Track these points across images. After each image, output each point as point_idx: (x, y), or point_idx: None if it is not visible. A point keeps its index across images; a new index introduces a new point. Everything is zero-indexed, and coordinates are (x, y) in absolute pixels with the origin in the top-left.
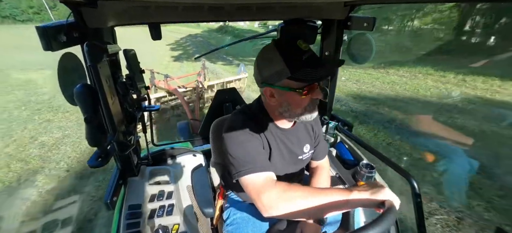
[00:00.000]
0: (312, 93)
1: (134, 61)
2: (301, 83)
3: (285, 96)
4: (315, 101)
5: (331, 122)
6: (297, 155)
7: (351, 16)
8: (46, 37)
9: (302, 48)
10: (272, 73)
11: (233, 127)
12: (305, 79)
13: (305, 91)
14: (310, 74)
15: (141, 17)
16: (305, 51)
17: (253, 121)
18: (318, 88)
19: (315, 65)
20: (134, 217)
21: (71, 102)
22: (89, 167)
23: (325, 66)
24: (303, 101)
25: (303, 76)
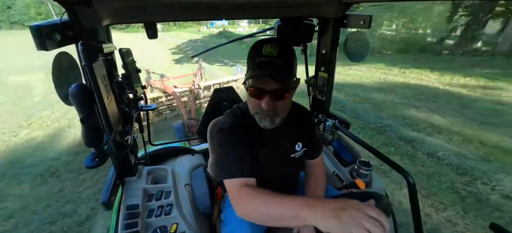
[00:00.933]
0: (257, 98)
1: (131, 60)
2: (248, 82)
3: (246, 90)
4: (261, 109)
5: (329, 120)
6: (289, 154)
7: (347, 14)
8: (40, 36)
9: (264, 52)
10: (247, 65)
11: (221, 130)
12: (248, 80)
13: (249, 91)
14: (252, 78)
15: (137, 16)
16: (264, 55)
17: (240, 122)
18: (268, 98)
19: (261, 71)
20: (132, 217)
21: (66, 102)
22: (86, 167)
23: (271, 77)
24: (251, 101)
25: (248, 76)
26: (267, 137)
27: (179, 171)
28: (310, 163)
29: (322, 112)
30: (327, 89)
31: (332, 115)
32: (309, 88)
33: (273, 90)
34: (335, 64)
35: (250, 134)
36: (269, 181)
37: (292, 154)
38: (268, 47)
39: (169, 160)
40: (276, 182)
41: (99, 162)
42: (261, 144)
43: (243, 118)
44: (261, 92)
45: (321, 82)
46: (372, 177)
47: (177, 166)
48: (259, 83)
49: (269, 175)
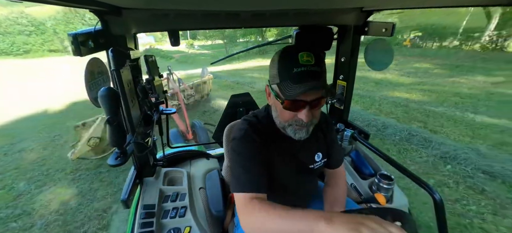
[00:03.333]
0: (296, 110)
1: (154, 66)
2: (283, 94)
3: (274, 100)
4: (299, 121)
5: (347, 130)
6: (307, 164)
7: (368, 21)
8: (76, 43)
9: (300, 60)
10: (271, 74)
11: (234, 139)
12: (285, 92)
13: (286, 104)
14: (292, 90)
15: (162, 24)
16: (302, 65)
17: (256, 131)
18: (307, 109)
19: (302, 82)
20: (148, 217)
21: (96, 104)
22: (109, 166)
23: (316, 89)
24: (285, 114)
25: (286, 89)
26: (286, 147)
27: (194, 174)
28: (330, 172)
29: (340, 121)
30: (346, 98)
31: (350, 125)
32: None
33: (314, 99)
34: (355, 73)
35: (267, 144)
36: (285, 191)
37: (311, 165)
38: (305, 55)
39: (185, 162)
40: (293, 193)
41: (121, 161)
42: (279, 154)
43: (261, 127)
44: (300, 104)
45: (339, 90)
46: (394, 192)
47: (193, 169)
48: (300, 96)
49: (286, 186)
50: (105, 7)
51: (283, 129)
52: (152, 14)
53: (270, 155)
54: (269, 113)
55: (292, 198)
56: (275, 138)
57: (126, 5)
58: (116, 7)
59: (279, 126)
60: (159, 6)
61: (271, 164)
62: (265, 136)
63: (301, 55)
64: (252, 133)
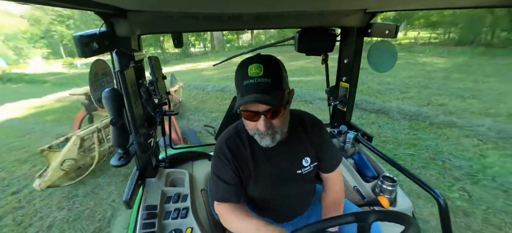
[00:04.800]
0: (252, 120)
1: (157, 67)
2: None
3: None
4: (258, 131)
5: (350, 132)
6: (294, 170)
7: (372, 23)
8: (81, 45)
9: (249, 73)
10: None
11: (215, 151)
12: (239, 104)
13: (243, 114)
14: (242, 101)
15: (166, 26)
16: (250, 77)
17: (237, 141)
18: (263, 119)
19: (249, 96)
20: (150, 218)
21: (99, 104)
22: (112, 166)
23: (260, 101)
24: (248, 124)
25: (239, 100)
26: (268, 154)
27: (196, 176)
28: (326, 177)
29: (343, 123)
30: (349, 100)
31: (353, 127)
32: (329, 98)
33: (266, 110)
34: (358, 74)
35: (245, 157)
36: (275, 198)
37: (298, 170)
38: (253, 67)
39: (188, 164)
40: (283, 200)
41: (124, 161)
42: (262, 161)
43: (239, 136)
44: (254, 114)
45: (342, 92)
46: (398, 194)
47: (195, 171)
48: (251, 107)
49: (273, 193)
50: (111, 9)
51: (253, 137)
52: (156, 16)
53: (249, 165)
54: None
55: (286, 206)
56: (256, 146)
57: (131, 8)
58: (122, 9)
59: (251, 134)
60: (164, 8)
61: (253, 172)
62: (243, 149)
63: (250, 68)
64: (226, 151)
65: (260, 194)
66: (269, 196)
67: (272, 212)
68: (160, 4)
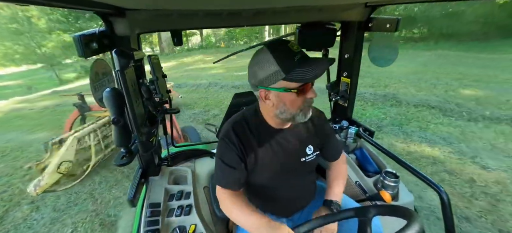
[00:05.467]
0: (307, 92)
1: (158, 66)
2: (295, 83)
3: (280, 97)
4: (309, 101)
5: (351, 127)
6: (299, 157)
7: (372, 17)
8: (80, 45)
9: (293, 49)
10: (267, 75)
11: (221, 136)
12: (298, 79)
13: (300, 91)
14: (303, 74)
15: (165, 24)
16: (297, 52)
17: (244, 127)
18: (312, 88)
19: (307, 65)
20: (154, 215)
21: (101, 104)
22: (115, 165)
23: (317, 66)
24: (298, 101)
25: (297, 77)
26: (276, 140)
27: (199, 173)
28: (331, 165)
29: (344, 118)
30: (350, 95)
31: (354, 122)
32: (330, 94)
33: (311, 78)
34: (359, 69)
35: (252, 144)
36: (278, 188)
37: (302, 158)
38: (294, 45)
39: (190, 161)
40: (286, 190)
41: (126, 160)
42: (269, 148)
43: (247, 123)
44: (309, 85)
45: (343, 87)
46: (399, 189)
47: (197, 168)
48: (308, 78)
49: (280, 180)
50: (110, 9)
51: (292, 119)
52: (155, 14)
53: (256, 152)
54: (256, 111)
55: (286, 195)
56: (263, 134)
57: (130, 6)
58: (120, 8)
59: (286, 119)
60: (162, 7)
61: (259, 159)
62: (250, 135)
63: (291, 45)
64: (233, 135)
65: (264, 182)
66: (272, 184)
67: (274, 204)
68: (159, 2)
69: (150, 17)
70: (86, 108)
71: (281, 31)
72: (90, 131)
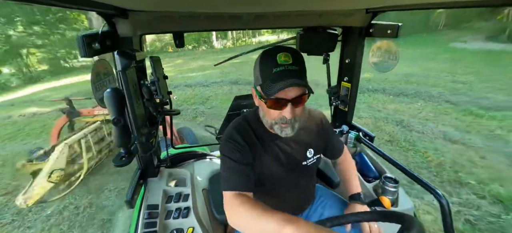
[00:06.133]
0: (279, 108)
1: (159, 67)
2: (266, 94)
3: (259, 100)
4: (283, 119)
5: (351, 132)
6: (300, 161)
7: (373, 23)
8: (83, 45)
9: (279, 60)
10: (255, 76)
11: (223, 141)
12: (267, 92)
13: (269, 103)
14: (273, 89)
15: (167, 26)
16: (281, 64)
17: (245, 129)
18: (289, 107)
19: (281, 82)
20: (151, 217)
21: (102, 104)
22: (114, 165)
23: (292, 87)
24: (271, 113)
25: (267, 89)
26: (276, 145)
27: (198, 176)
28: (338, 160)
29: (344, 123)
30: (350, 100)
31: (354, 127)
32: (331, 98)
33: (295, 97)
34: (359, 74)
35: (255, 145)
36: (281, 190)
37: (303, 162)
38: (282, 55)
39: (189, 164)
40: (290, 193)
41: (125, 161)
42: (269, 152)
43: (249, 128)
44: (282, 102)
45: (343, 92)
46: (399, 195)
47: (196, 171)
48: (280, 94)
49: (282, 185)
50: (113, 9)
51: (270, 127)
52: (157, 16)
53: (259, 155)
54: (257, 114)
55: (289, 198)
56: (265, 137)
57: (133, 8)
58: (124, 9)
59: (267, 125)
60: (165, 8)
61: (261, 163)
62: (253, 135)
63: (279, 56)
64: (237, 135)
65: (266, 186)
66: (273, 188)
67: (274, 207)
68: (161, 4)
69: (152, 19)
70: (76, 114)
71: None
72: (81, 137)
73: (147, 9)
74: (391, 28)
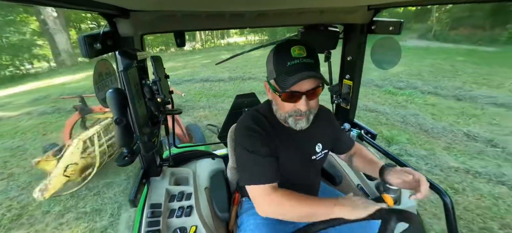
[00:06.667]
0: (293, 101)
1: (160, 67)
2: (280, 87)
3: (273, 94)
4: (298, 111)
5: (353, 130)
6: (310, 155)
7: (375, 20)
8: (84, 45)
9: (293, 54)
10: (269, 70)
11: (241, 134)
12: (282, 85)
13: (284, 96)
14: (287, 82)
15: (168, 25)
16: (295, 58)
17: (259, 122)
18: (304, 99)
19: (296, 75)
20: (155, 216)
21: (104, 104)
22: (117, 165)
23: (308, 79)
24: (286, 106)
25: (281, 82)
26: (288, 138)
27: (200, 174)
28: (351, 152)
29: (346, 121)
30: (352, 98)
31: (356, 125)
32: (333, 96)
33: (309, 89)
34: (361, 72)
35: (270, 136)
36: (291, 182)
37: (313, 156)
38: (297, 49)
39: (191, 162)
40: (298, 185)
41: (128, 160)
42: (282, 145)
43: (264, 120)
44: (296, 95)
45: (345, 90)
46: (402, 193)
47: (198, 169)
48: (296, 87)
49: (291, 178)
50: (114, 10)
51: (284, 120)
52: (159, 15)
53: (275, 146)
54: (270, 107)
55: (298, 191)
56: (277, 131)
57: (134, 8)
58: (125, 9)
59: (280, 118)
60: (166, 8)
61: (277, 155)
62: (268, 128)
63: (293, 49)
64: (256, 126)
65: (281, 178)
66: (284, 181)
67: None
68: (163, 3)
69: (153, 18)
70: (88, 110)
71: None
72: (94, 133)
73: (148, 9)
74: (394, 24)
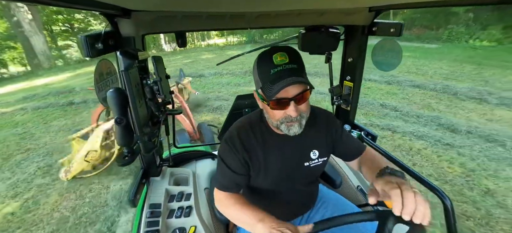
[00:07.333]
0: (282, 108)
1: (161, 67)
2: (266, 96)
3: (262, 104)
4: (289, 117)
5: (354, 131)
6: (303, 162)
7: (376, 21)
8: (86, 45)
9: (275, 61)
10: (255, 80)
11: (225, 139)
12: (268, 94)
13: (272, 104)
14: (274, 90)
15: (169, 26)
16: (278, 65)
17: (248, 131)
18: (293, 105)
19: (280, 82)
20: (154, 216)
21: (105, 104)
22: (118, 165)
23: (293, 86)
24: (276, 114)
25: (267, 91)
26: (280, 145)
27: (200, 175)
28: (361, 158)
29: (347, 122)
30: (353, 99)
31: (357, 126)
32: (333, 98)
33: (296, 94)
34: (362, 73)
35: (255, 148)
36: (281, 192)
37: (306, 163)
38: (278, 55)
39: (191, 163)
40: (291, 193)
41: (128, 160)
42: (272, 153)
43: (251, 127)
44: (284, 101)
45: (346, 91)
46: None
47: (198, 170)
48: (282, 94)
49: (282, 185)
50: (115, 9)
51: (277, 128)
52: (160, 16)
53: (260, 157)
54: (262, 114)
55: (290, 199)
56: (267, 139)
57: (135, 8)
58: (126, 9)
59: (274, 126)
60: (167, 8)
61: (262, 165)
62: (253, 140)
63: (274, 57)
64: (237, 139)
65: (267, 187)
66: (275, 189)
67: (275, 208)
68: (164, 4)
69: (155, 19)
70: None
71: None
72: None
73: (149, 9)
74: (395, 26)
